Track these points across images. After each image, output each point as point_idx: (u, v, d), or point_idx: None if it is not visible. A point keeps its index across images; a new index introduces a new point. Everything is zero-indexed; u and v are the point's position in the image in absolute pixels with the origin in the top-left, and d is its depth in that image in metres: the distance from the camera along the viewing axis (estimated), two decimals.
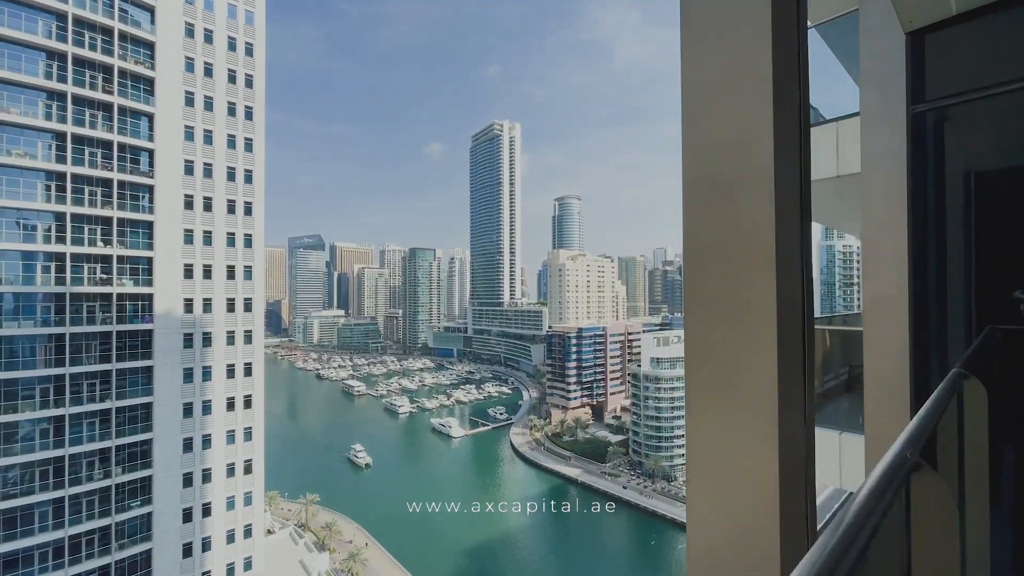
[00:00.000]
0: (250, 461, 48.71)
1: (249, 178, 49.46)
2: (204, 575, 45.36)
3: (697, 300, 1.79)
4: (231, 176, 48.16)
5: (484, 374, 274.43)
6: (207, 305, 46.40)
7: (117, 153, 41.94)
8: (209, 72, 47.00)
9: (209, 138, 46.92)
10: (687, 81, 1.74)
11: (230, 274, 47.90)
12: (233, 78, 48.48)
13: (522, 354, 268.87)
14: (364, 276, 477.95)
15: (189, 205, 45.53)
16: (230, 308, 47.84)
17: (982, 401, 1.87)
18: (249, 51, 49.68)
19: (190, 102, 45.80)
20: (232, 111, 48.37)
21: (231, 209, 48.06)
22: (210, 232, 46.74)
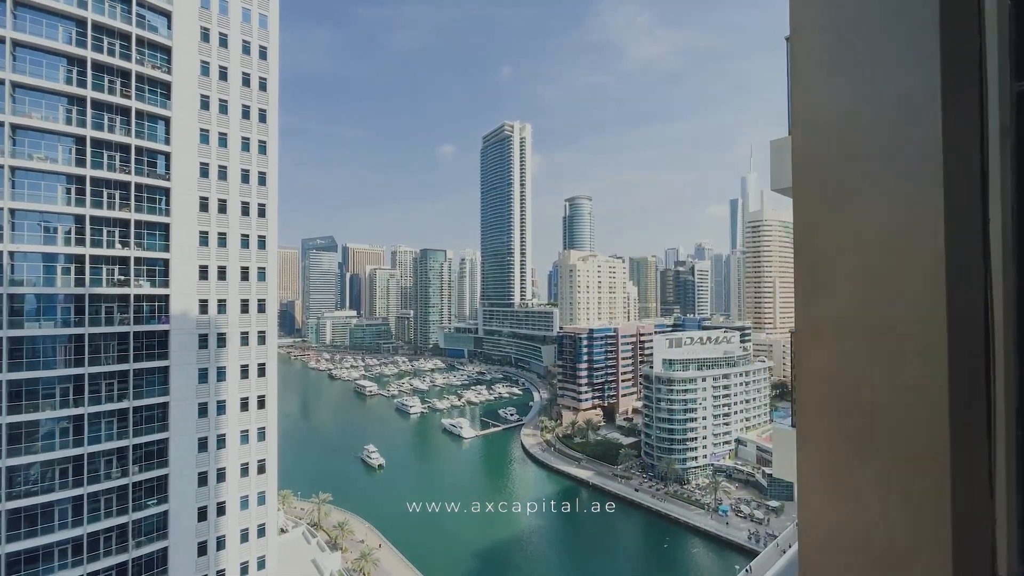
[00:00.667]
0: (263, 461, 49.08)
1: (263, 180, 49.89)
2: (219, 574, 45.79)
3: (816, 319, 1.38)
4: (245, 178, 48.63)
5: (495, 375, 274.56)
6: (221, 306, 46.89)
7: (135, 156, 42.58)
8: (224, 76, 47.52)
9: (224, 141, 47.43)
10: (801, 34, 1.36)
11: (244, 275, 48.35)
12: (247, 81, 48.96)
13: (533, 355, 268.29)
14: (376, 277, 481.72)
15: (204, 207, 46.06)
16: (244, 309, 48.28)
17: None
18: (263, 54, 50.14)
19: (205, 105, 46.34)
20: (246, 114, 48.85)
21: (245, 211, 48.52)
22: (224, 234, 47.23)
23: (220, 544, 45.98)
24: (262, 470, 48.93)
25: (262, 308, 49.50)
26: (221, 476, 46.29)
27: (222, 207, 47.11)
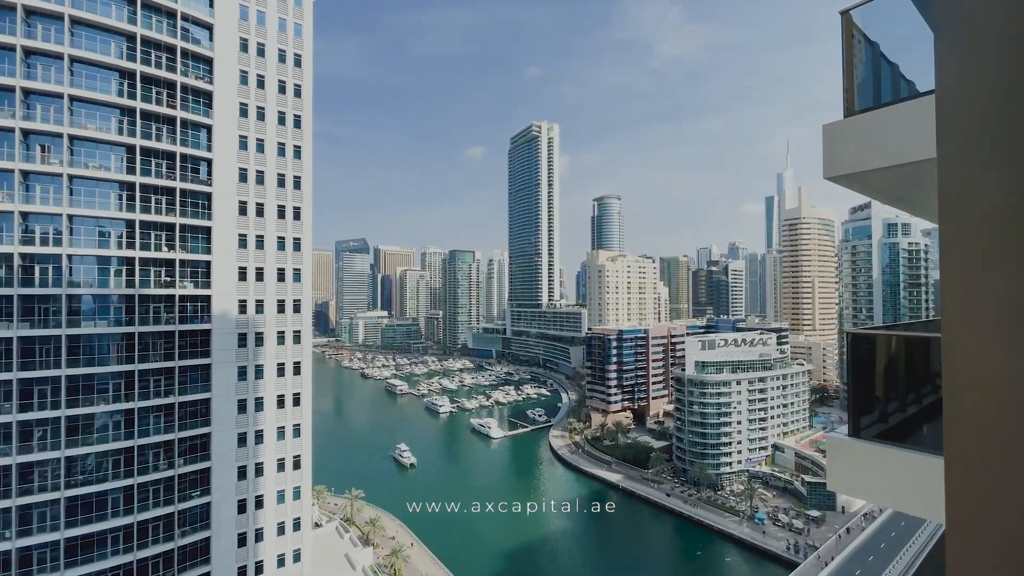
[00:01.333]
0: (298, 457, 50.54)
1: (298, 184, 51.42)
2: (257, 564, 47.42)
3: (979, 308, 1.13)
4: (281, 183, 50.24)
5: (523, 375, 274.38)
6: (259, 306, 48.59)
7: (179, 163, 44.67)
8: (261, 84, 49.26)
9: (261, 146, 49.15)
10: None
11: (280, 276, 49.96)
12: (283, 88, 50.59)
13: (561, 356, 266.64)
14: (406, 278, 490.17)
15: (243, 211, 47.85)
16: (280, 309, 49.88)
17: None
18: (298, 62, 51.70)
19: (244, 113, 48.16)
20: (282, 120, 50.47)
21: (281, 214, 50.13)
22: (262, 236, 48.93)
23: (258, 536, 47.61)
24: (297, 466, 50.38)
25: (297, 308, 51.00)
26: (259, 471, 47.94)
27: (259, 211, 48.81)
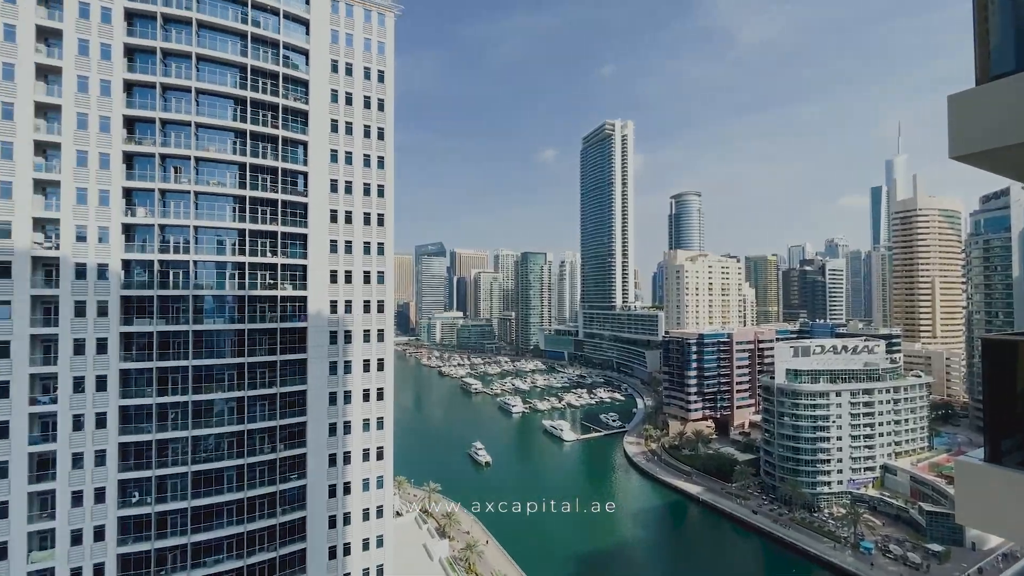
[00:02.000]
0: (381, 448, 53.82)
1: (381, 192, 54.89)
2: (345, 546, 51.19)
3: None
4: (367, 191, 53.96)
5: (595, 378, 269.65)
6: (347, 306, 52.55)
7: (281, 177, 49.66)
8: (349, 100, 53.29)
9: (349, 159, 53.16)
10: None
11: (366, 279, 53.65)
12: (368, 104, 54.32)
13: (636, 360, 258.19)
14: (480, 280, 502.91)
15: (334, 219, 52.05)
16: (366, 309, 53.55)
17: None
18: (381, 78, 55.23)
19: (334, 128, 52.41)
20: (367, 133, 54.21)
21: (367, 221, 53.83)
22: (350, 242, 52.89)
23: (346, 520, 51.37)
24: (380, 456, 53.67)
25: (381, 308, 54.41)
26: (347, 459, 51.76)
27: (348, 218, 52.80)
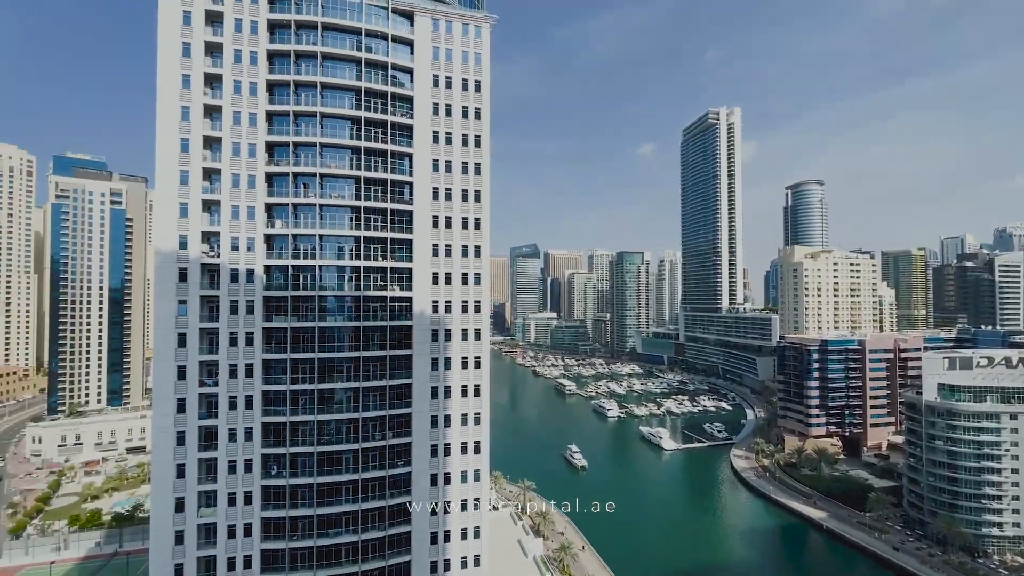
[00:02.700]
0: (479, 443, 56.10)
1: (478, 197, 57.31)
2: (446, 533, 54.21)
3: None
4: (464, 197, 56.72)
5: (698, 385, 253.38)
6: (447, 307, 55.69)
7: (390, 188, 54.23)
8: (448, 112, 56.47)
9: (449, 167, 56.32)
10: None
11: (464, 280, 56.41)
12: (466, 113, 57.07)
13: (745, 366, 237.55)
14: (574, 280, 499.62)
15: (435, 224, 55.54)
16: (464, 309, 56.29)
17: None
18: (477, 87, 57.68)
19: (436, 139, 55.91)
20: (465, 142, 56.97)
21: (464, 225, 56.59)
22: (449, 246, 56.02)
23: (446, 508, 54.38)
24: (477, 450, 55.96)
25: (477, 308, 56.80)
26: (447, 451, 54.79)
27: (448, 223, 55.97)
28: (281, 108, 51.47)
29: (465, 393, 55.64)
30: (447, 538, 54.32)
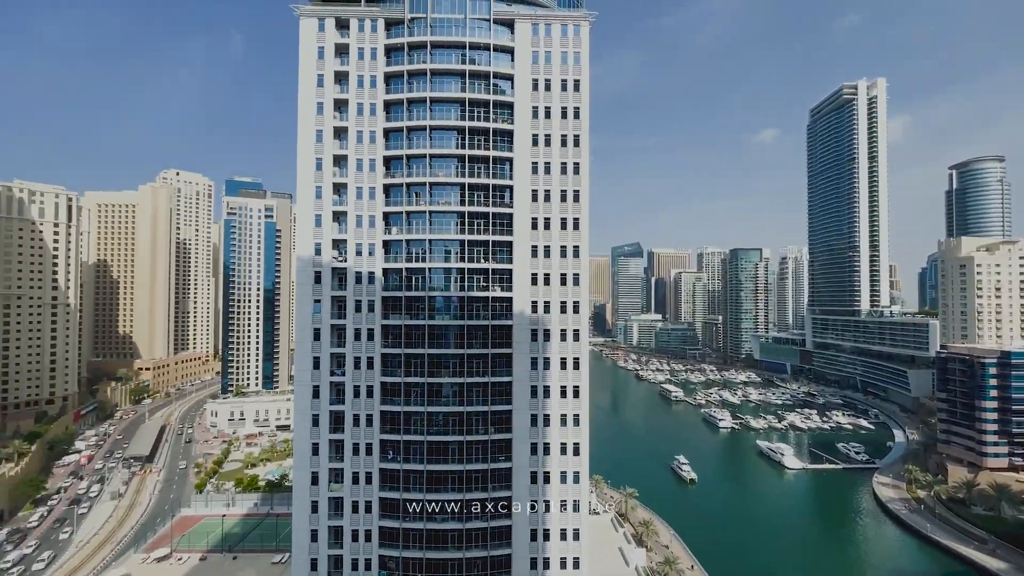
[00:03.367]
0: (578, 444, 55.64)
1: (576, 198, 56.92)
2: (545, 532, 54.69)
3: None
4: (563, 198, 56.72)
5: (830, 398, 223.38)
6: (546, 307, 56.17)
7: (492, 193, 56.32)
8: (548, 114, 56.94)
9: (548, 168, 56.77)
10: None
11: (563, 281, 56.43)
12: (564, 114, 57.05)
13: (891, 379, 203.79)
14: (681, 280, 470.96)
15: (534, 226, 56.37)
16: (563, 310, 56.30)
17: None
18: (576, 87, 57.33)
19: (535, 142, 56.74)
20: (564, 142, 56.96)
21: (563, 226, 56.58)
22: (548, 247, 56.43)
23: (546, 507, 54.85)
24: (576, 452, 55.55)
25: (576, 309, 56.41)
26: (546, 450, 55.24)
27: (547, 224, 56.45)
28: (396, 125, 56.29)
29: (564, 394, 55.62)
30: (546, 537, 54.76)
